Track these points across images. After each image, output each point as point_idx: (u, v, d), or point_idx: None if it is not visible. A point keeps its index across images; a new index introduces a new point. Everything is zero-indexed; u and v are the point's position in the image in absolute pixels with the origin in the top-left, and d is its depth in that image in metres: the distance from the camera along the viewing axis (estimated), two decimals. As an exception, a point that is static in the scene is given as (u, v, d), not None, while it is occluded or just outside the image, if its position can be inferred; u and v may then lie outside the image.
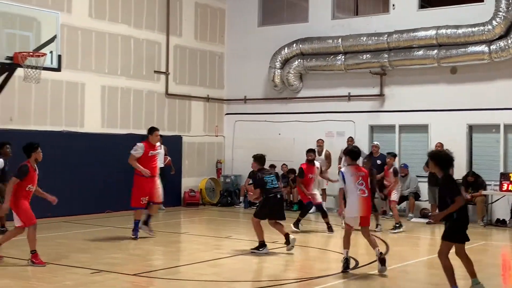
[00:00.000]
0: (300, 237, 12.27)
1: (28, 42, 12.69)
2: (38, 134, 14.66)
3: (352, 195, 9.26)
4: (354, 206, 9.23)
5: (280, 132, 19.25)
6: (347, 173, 9.35)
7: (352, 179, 9.27)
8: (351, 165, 9.56)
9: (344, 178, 9.32)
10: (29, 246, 9.37)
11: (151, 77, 18.22)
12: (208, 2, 19.97)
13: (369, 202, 9.45)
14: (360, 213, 9.26)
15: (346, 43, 17.83)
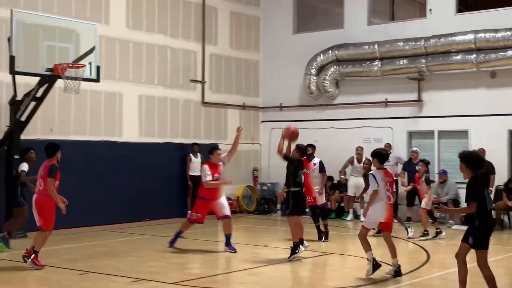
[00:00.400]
0: (336, 245, 12.23)
1: (68, 53, 12.98)
2: (78, 144, 14.95)
3: (379, 200, 9.17)
4: (380, 211, 9.18)
5: (317, 139, 19.14)
6: (378, 176, 9.25)
7: (382, 184, 9.18)
8: (380, 169, 9.40)
9: (376, 180, 9.20)
10: (35, 245, 9.75)
11: (188, 86, 18.38)
12: (243, 11, 20.09)
13: (392, 208, 9.40)
14: (385, 219, 9.25)
15: (382, 48, 17.74)
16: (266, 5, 20.48)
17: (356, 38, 18.38)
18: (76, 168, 14.87)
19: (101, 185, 15.39)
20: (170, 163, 17.35)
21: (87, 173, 15.26)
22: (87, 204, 14.97)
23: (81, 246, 12.40)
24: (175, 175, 17.43)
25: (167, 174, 17.21)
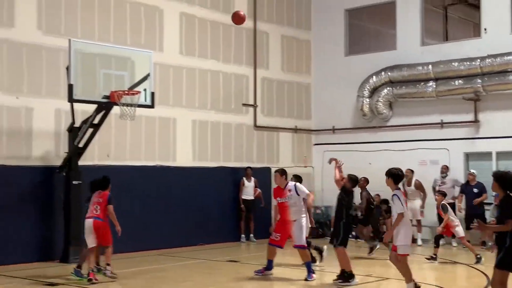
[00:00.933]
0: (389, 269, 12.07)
1: (123, 81, 13.22)
2: (133, 169, 15.24)
3: (406, 222, 9.04)
4: (408, 233, 9.12)
5: (371, 162, 19.05)
6: (401, 197, 9.09)
7: (404, 205, 9.06)
8: (398, 189, 9.25)
9: (401, 201, 9.01)
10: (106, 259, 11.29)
11: (240, 110, 18.54)
12: (294, 34, 20.21)
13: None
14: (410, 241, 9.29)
15: (436, 69, 17.57)
16: (317, 28, 20.56)
17: (409, 59, 18.26)
18: (132, 192, 15.16)
19: (156, 209, 15.61)
20: (223, 187, 17.47)
21: (142, 197, 15.51)
22: (142, 228, 15.21)
23: (137, 270, 12.54)
24: (228, 199, 17.54)
25: (220, 198, 17.32)
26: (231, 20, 12.58)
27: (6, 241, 13.17)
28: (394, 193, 9.12)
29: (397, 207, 9.01)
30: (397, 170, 9.48)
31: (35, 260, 13.44)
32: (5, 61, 13.65)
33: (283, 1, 19.92)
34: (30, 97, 14.00)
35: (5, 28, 13.67)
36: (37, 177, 13.83)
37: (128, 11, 15.82)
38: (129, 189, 15.01)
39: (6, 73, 13.66)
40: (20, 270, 12.40)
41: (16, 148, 13.74)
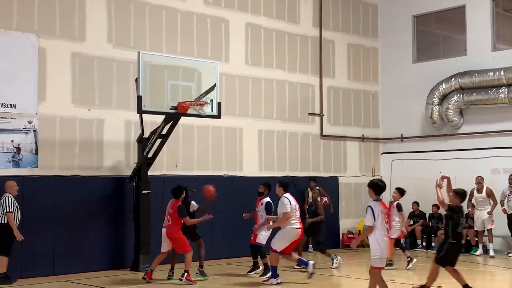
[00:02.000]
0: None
1: (190, 92, 13.39)
2: (201, 179, 15.36)
3: (380, 234, 8.66)
4: (383, 246, 8.67)
5: (441, 171, 18.65)
6: (376, 209, 8.69)
7: (380, 217, 8.65)
8: (377, 200, 8.84)
9: (373, 214, 8.64)
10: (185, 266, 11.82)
11: (306, 119, 18.53)
12: (361, 42, 20.09)
13: (391, 242, 9.10)
14: (387, 254, 8.79)
15: (509, 74, 17.15)
16: (385, 35, 20.39)
17: (480, 65, 17.88)
18: (200, 202, 15.29)
19: (224, 218, 15.70)
20: (290, 197, 17.43)
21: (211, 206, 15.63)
22: (210, 237, 15.33)
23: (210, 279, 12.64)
24: (295, 208, 17.48)
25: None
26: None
27: (78, 250, 13.52)
28: (369, 204, 8.85)
29: (367, 219, 8.76)
30: (378, 180, 9.30)
31: (107, 268, 13.75)
32: (77, 74, 14.07)
33: (349, 9, 19.84)
34: (101, 109, 14.37)
35: (77, 42, 14.10)
36: (108, 187, 14.17)
37: (194, 23, 16.08)
38: (197, 199, 15.16)
39: (78, 86, 14.08)
40: (92, 278, 12.71)
41: (88, 158, 14.12)
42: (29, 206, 12.91)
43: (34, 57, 13.44)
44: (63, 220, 13.38)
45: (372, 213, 8.62)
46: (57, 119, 13.74)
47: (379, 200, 8.85)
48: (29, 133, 13.32)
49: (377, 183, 9.02)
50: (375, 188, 8.89)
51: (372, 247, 8.72)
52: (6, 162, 13.01)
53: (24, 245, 12.69)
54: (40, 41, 13.54)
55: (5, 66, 13.05)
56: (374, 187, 8.91)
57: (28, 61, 13.36)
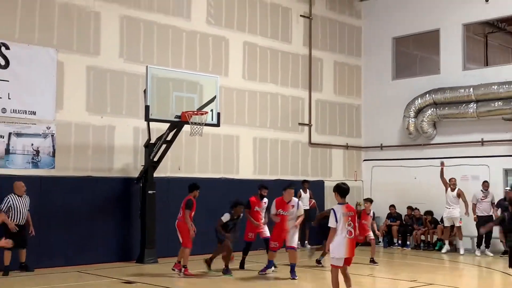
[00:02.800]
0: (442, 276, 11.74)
1: (193, 102, 13.39)
2: (201, 181, 15.26)
3: (340, 235, 8.26)
4: (342, 247, 8.27)
5: (416, 176, 18.73)
6: (338, 212, 8.30)
7: (342, 219, 8.24)
8: (341, 204, 8.42)
9: (336, 216, 8.26)
10: (180, 260, 11.70)
11: (296, 129, 18.52)
12: (346, 61, 20.11)
13: (354, 243, 8.47)
14: (347, 255, 8.36)
15: (477, 92, 17.18)
16: (367, 55, 20.43)
17: (452, 83, 17.93)
18: (200, 202, 15.19)
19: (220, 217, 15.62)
20: (281, 198, 17.42)
21: (209, 206, 15.59)
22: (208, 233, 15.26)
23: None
24: (285, 208, 17.47)
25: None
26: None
27: (89, 243, 13.49)
28: (332, 207, 8.57)
29: (329, 222, 8.35)
30: (342, 183, 8.76)
31: (115, 260, 13.69)
32: (92, 85, 14.06)
33: (336, 30, 19.87)
34: (113, 116, 14.35)
35: (92, 56, 14.09)
36: (117, 187, 14.14)
37: (197, 41, 16.08)
38: (197, 199, 15.12)
39: (92, 96, 14.06)
40: (101, 269, 12.65)
41: (100, 161, 14.09)
42: (46, 203, 12.91)
43: (53, 69, 13.42)
44: (76, 216, 13.34)
45: (335, 216, 8.28)
46: (73, 125, 13.70)
47: (344, 203, 8.48)
48: (47, 138, 13.28)
49: (341, 186, 8.61)
50: (339, 191, 8.52)
51: (332, 247, 8.41)
52: (26, 163, 12.98)
53: (41, 238, 12.64)
54: (58, 55, 13.52)
55: (26, 77, 13.03)
56: (338, 190, 8.54)
57: (48, 73, 13.34)
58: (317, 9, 19.24)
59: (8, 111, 12.76)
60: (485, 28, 20.11)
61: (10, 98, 12.79)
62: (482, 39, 20.29)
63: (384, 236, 17.95)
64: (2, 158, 12.65)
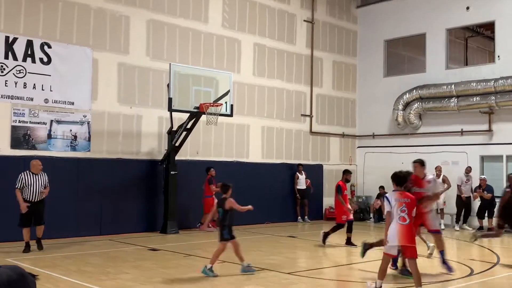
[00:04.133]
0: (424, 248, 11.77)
1: (210, 95, 13.47)
2: (217, 164, 15.41)
3: (393, 221, 7.18)
4: (394, 233, 7.11)
5: (403, 162, 18.60)
6: (391, 198, 7.33)
7: (396, 205, 7.23)
8: (396, 190, 7.42)
9: (389, 202, 7.30)
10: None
11: (299, 119, 18.50)
12: (343, 60, 20.02)
13: (409, 231, 7.11)
14: (399, 242, 7.10)
15: (458, 88, 17.06)
16: (362, 55, 20.31)
17: (436, 80, 17.82)
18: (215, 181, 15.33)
19: (234, 195, 15.67)
20: (285, 179, 17.49)
21: (223, 185, 15.66)
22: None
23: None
24: (288, 188, 17.53)
25: (282, 187, 17.36)
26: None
27: (120, 216, 13.60)
28: (386, 194, 7.70)
29: (386, 207, 7.37)
30: (399, 172, 7.73)
31: (141, 230, 13.81)
32: (122, 80, 14.10)
33: (335, 33, 19.76)
34: (140, 107, 14.39)
35: (122, 54, 14.12)
36: (144, 168, 14.22)
37: (214, 42, 16.05)
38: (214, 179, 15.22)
39: (123, 89, 14.11)
40: (130, 238, 12.77)
41: (129, 145, 14.16)
42: (83, 181, 13.00)
43: (89, 66, 13.46)
44: (108, 193, 13.44)
45: (388, 201, 7.31)
46: (106, 114, 13.76)
47: (398, 190, 7.41)
48: (84, 125, 13.35)
49: (397, 175, 7.60)
50: (396, 180, 7.52)
51: (388, 233, 7.21)
52: (65, 147, 13.06)
53: (78, 211, 12.75)
54: (93, 53, 13.55)
55: (66, 72, 13.08)
56: (394, 179, 7.56)
57: (84, 69, 13.39)
58: (318, 15, 19.13)
59: (50, 102, 12.84)
60: (465, 33, 19.92)
61: (51, 90, 12.87)
62: (462, 42, 20.11)
63: (375, 213, 17.93)
64: (44, 142, 12.74)
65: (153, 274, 8.53)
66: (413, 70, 19.37)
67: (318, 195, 18.16)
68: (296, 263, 10.09)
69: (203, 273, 8.42)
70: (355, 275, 8.97)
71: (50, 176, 10.99)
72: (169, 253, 10.68)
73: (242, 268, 8.73)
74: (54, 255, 10.18)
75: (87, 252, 10.66)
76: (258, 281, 8.20)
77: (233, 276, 8.53)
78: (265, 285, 7.83)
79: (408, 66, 20.18)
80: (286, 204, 17.37)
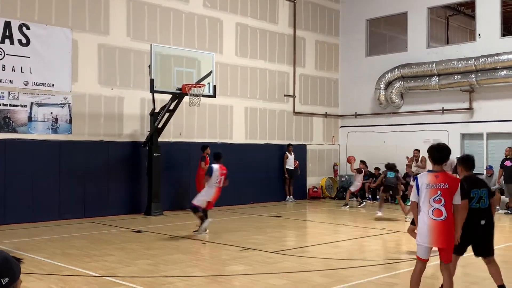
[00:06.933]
0: (401, 225, 11.94)
1: (192, 76, 13.34)
2: (200, 145, 15.33)
3: (423, 214, 5.18)
4: (424, 231, 5.16)
5: (385, 141, 18.82)
6: (422, 181, 5.21)
7: (427, 193, 5.13)
8: (432, 171, 5.28)
9: (418, 186, 5.23)
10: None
11: (282, 100, 18.47)
12: (325, 39, 19.96)
13: (447, 228, 5.08)
14: (431, 243, 5.16)
15: (439, 67, 17.14)
16: (344, 34, 20.27)
17: (417, 59, 17.87)
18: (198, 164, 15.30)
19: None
20: (268, 159, 17.51)
21: (206, 166, 15.66)
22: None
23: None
24: (272, 168, 17.57)
25: (266, 167, 17.39)
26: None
27: (103, 199, 13.53)
28: (417, 175, 6.29)
29: (412, 194, 5.43)
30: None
31: (125, 213, 13.76)
32: (103, 61, 13.90)
33: (317, 13, 19.66)
34: (122, 88, 14.23)
35: (103, 35, 13.89)
36: (127, 150, 14.11)
37: (195, 22, 15.88)
38: (195, 160, 15.17)
39: (104, 70, 13.92)
40: (114, 220, 12.73)
41: (111, 128, 14.02)
42: (65, 164, 12.88)
43: (68, 47, 13.23)
44: (91, 175, 13.34)
45: (416, 186, 5.24)
46: (87, 96, 13.59)
47: (436, 171, 5.25)
48: (64, 107, 13.17)
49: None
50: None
51: (417, 230, 5.30)
52: (46, 129, 12.89)
53: (61, 194, 12.64)
54: (73, 34, 13.32)
55: (46, 54, 12.85)
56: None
57: (64, 50, 13.16)
58: (300, -6, 19.00)
59: (30, 84, 12.62)
60: (446, 11, 19.98)
61: (31, 72, 12.64)
62: (444, 21, 20.19)
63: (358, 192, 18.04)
64: (25, 125, 12.55)
65: (138, 255, 8.52)
66: (395, 49, 19.40)
67: (302, 175, 18.24)
68: (280, 242, 10.14)
69: None
70: (340, 253, 9.05)
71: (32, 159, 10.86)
72: (154, 234, 10.66)
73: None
74: (38, 239, 10.11)
75: (71, 235, 10.59)
76: (242, 260, 8.23)
77: (217, 256, 8.55)
78: (250, 264, 7.86)
79: (390, 45, 20.20)
80: (271, 184, 17.43)
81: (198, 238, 10.17)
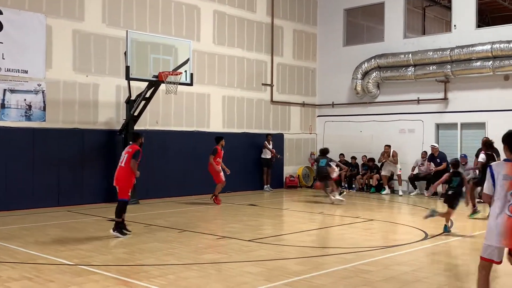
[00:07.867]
0: (376, 213, 12.05)
1: (169, 64, 13.21)
2: (176, 134, 15.29)
3: (496, 210, 4.47)
4: (497, 229, 4.44)
5: (362, 130, 18.98)
6: (498, 171, 4.51)
7: (504, 185, 4.45)
8: (508, 160, 4.51)
9: (493, 178, 4.52)
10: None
11: (260, 88, 18.46)
12: (303, 29, 19.96)
13: None
14: (501, 243, 4.44)
15: (415, 57, 17.30)
16: (322, 24, 20.29)
17: (394, 49, 18.01)
18: (174, 152, 15.26)
19: (193, 164, 15.69)
20: (246, 148, 17.52)
21: (183, 155, 15.61)
22: (182, 179, 15.34)
23: (179, 211, 12.71)
24: (250, 157, 17.57)
25: (243, 156, 17.39)
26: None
27: (78, 187, 13.39)
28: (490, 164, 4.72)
29: (485, 185, 4.64)
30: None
31: (100, 201, 13.65)
32: (77, 47, 13.69)
33: (295, 2, 19.63)
34: (97, 75, 14.05)
35: (77, 21, 13.67)
36: (102, 138, 13.97)
37: (172, 9, 15.72)
38: (172, 149, 15.12)
39: (78, 57, 13.71)
40: (89, 209, 12.61)
41: (86, 115, 13.85)
42: (39, 152, 12.70)
43: (42, 33, 12.98)
44: (66, 163, 13.19)
45: (491, 177, 4.54)
46: (61, 83, 13.38)
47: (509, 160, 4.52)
48: (38, 94, 12.95)
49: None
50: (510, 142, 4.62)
51: (487, 228, 4.58)
52: (20, 116, 12.67)
53: (35, 182, 12.47)
54: (47, 20, 13.07)
55: (19, 39, 12.59)
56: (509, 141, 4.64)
57: (38, 36, 12.91)
58: (278, -17, 18.94)
59: (3, 70, 12.37)
60: (423, 2, 20.17)
61: (4, 58, 12.38)
62: (420, 11, 20.37)
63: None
64: (-3, 112, 12.31)
65: (113, 244, 8.46)
66: (372, 39, 19.51)
67: (279, 164, 18.29)
68: (256, 231, 10.17)
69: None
70: (316, 241, 9.13)
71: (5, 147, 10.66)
72: (129, 223, 10.55)
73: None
74: (11, 227, 9.96)
75: (45, 224, 10.47)
76: (219, 248, 8.25)
77: (193, 245, 8.54)
78: (226, 253, 7.87)
79: (367, 36, 20.31)
80: (248, 173, 17.45)
81: (178, 227, 10.14)
